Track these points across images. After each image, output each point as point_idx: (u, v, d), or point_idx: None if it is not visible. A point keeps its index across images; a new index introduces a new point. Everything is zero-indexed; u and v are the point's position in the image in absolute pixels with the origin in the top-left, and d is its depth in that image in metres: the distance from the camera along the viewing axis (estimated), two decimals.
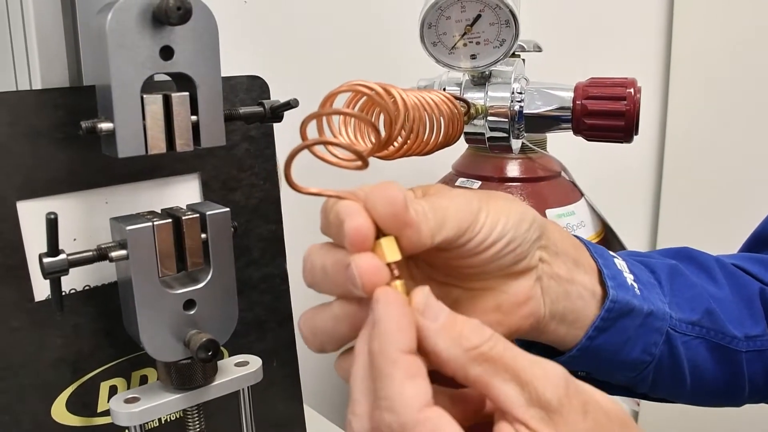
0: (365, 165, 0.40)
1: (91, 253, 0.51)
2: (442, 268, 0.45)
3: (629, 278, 0.55)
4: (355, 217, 0.37)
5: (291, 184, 0.36)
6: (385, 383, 0.34)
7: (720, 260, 0.67)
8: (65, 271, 0.50)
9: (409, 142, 0.56)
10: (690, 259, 0.67)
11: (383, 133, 0.42)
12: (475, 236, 0.43)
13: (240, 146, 0.64)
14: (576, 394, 0.35)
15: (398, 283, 0.36)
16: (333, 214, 0.39)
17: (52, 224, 0.48)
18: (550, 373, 0.35)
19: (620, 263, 0.56)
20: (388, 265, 0.36)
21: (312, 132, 0.39)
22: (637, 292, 0.55)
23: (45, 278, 0.49)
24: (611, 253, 0.57)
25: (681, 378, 0.60)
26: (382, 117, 0.48)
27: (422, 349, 0.36)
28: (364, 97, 0.44)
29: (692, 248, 0.68)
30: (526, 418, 0.33)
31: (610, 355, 0.53)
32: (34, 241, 0.54)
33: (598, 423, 0.35)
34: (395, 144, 0.55)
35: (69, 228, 0.56)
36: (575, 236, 0.55)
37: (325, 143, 0.37)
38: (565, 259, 0.51)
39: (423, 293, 0.37)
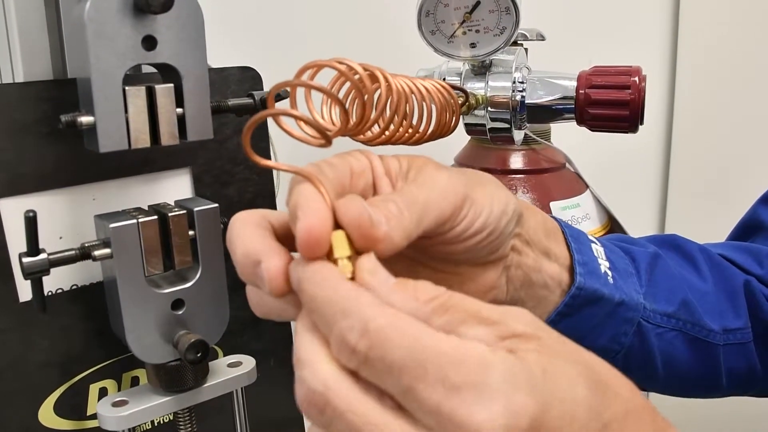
0: (328, 143, 0.38)
1: (73, 252, 0.49)
2: (412, 245, 0.43)
3: (604, 265, 0.54)
4: (308, 217, 0.33)
5: (248, 153, 0.35)
6: (335, 301, 0.31)
7: (706, 250, 0.66)
8: (46, 272, 0.48)
9: (392, 128, 0.54)
10: (676, 247, 0.66)
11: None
12: (456, 227, 0.41)
13: (232, 139, 0.62)
14: (548, 328, 0.33)
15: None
16: (291, 200, 0.36)
17: (31, 223, 0.46)
18: (516, 312, 0.33)
19: (597, 249, 0.55)
20: (334, 260, 0.34)
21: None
22: (610, 280, 0.54)
23: (25, 279, 0.48)
24: (591, 237, 0.56)
25: (652, 367, 0.59)
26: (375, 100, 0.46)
27: None
28: (356, 76, 0.42)
29: (680, 236, 0.67)
30: (500, 346, 0.31)
31: (573, 341, 0.52)
32: (18, 240, 0.52)
33: (578, 350, 0.33)
34: (375, 129, 0.53)
35: (55, 226, 0.55)
36: (555, 218, 0.54)
37: (286, 114, 0.35)
38: (535, 247, 0.50)
39: (371, 259, 0.34)
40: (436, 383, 0.29)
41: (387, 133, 0.54)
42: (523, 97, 0.78)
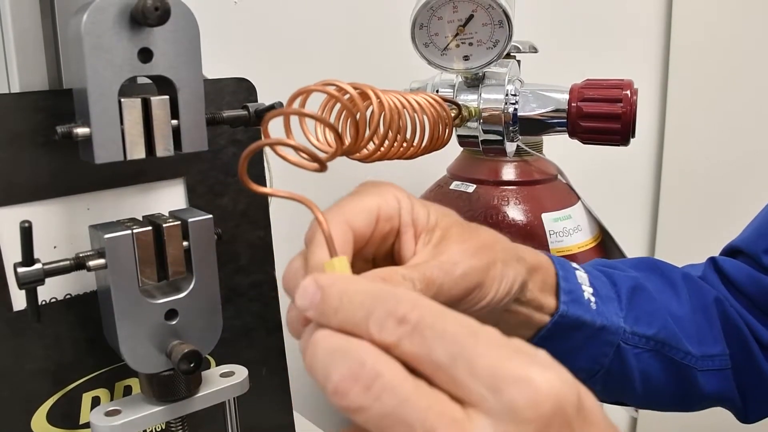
0: (323, 168, 0.39)
1: (68, 262, 0.50)
2: None
3: (587, 291, 0.56)
4: (297, 302, 0.34)
5: (244, 181, 0.35)
6: (376, 288, 0.32)
7: (687, 275, 0.68)
8: (41, 281, 0.48)
9: (386, 144, 0.55)
10: (655, 270, 0.68)
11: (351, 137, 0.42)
12: (474, 298, 0.43)
13: (226, 150, 0.63)
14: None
15: None
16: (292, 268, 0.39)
17: (26, 233, 0.46)
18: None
19: (581, 276, 0.57)
20: None
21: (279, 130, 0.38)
22: (593, 306, 0.56)
23: (20, 288, 0.48)
24: (574, 265, 0.58)
25: (631, 386, 0.61)
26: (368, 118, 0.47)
27: None
28: (347, 96, 0.42)
29: (659, 260, 0.70)
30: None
31: None
32: (12, 249, 0.52)
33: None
34: (371, 146, 0.53)
35: (49, 235, 0.55)
36: (545, 253, 0.56)
37: (280, 144, 0.36)
38: (529, 305, 0.52)
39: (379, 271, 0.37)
40: (490, 347, 0.29)
41: (382, 149, 0.55)
42: (515, 109, 0.79)
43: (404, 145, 0.58)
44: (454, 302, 0.42)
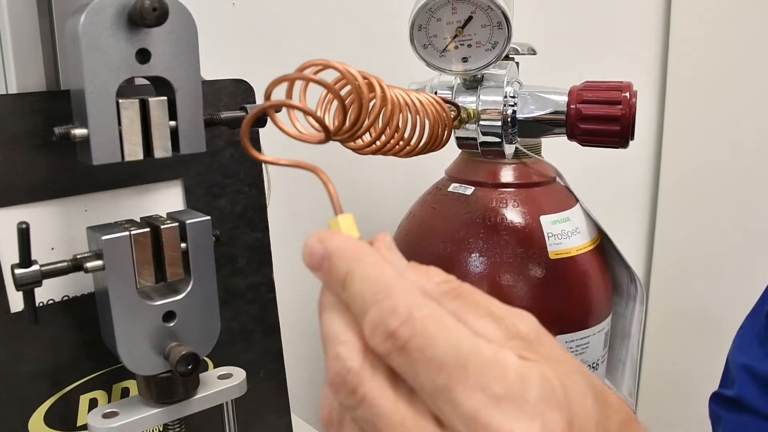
0: (328, 138, 0.38)
1: (65, 263, 0.49)
2: None
3: None
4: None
5: (246, 147, 0.35)
6: (378, 280, 0.31)
7: None
8: (38, 283, 0.48)
9: (385, 137, 0.55)
10: None
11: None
12: None
13: (224, 152, 0.63)
14: (549, 334, 0.33)
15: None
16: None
17: (23, 234, 0.46)
18: (520, 312, 0.33)
19: None
20: None
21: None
22: None
23: (17, 290, 0.48)
24: None
25: None
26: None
27: None
28: (356, 82, 0.42)
29: None
30: (508, 347, 0.31)
31: None
32: (9, 251, 0.52)
33: (574, 359, 0.33)
34: (367, 136, 0.53)
35: (47, 236, 0.55)
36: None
37: (285, 105, 0.35)
38: None
39: (387, 236, 0.35)
40: (475, 388, 0.28)
41: (379, 142, 0.54)
42: (514, 111, 0.79)
43: (401, 142, 0.58)
44: None
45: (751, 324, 0.73)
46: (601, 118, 0.75)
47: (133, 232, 0.51)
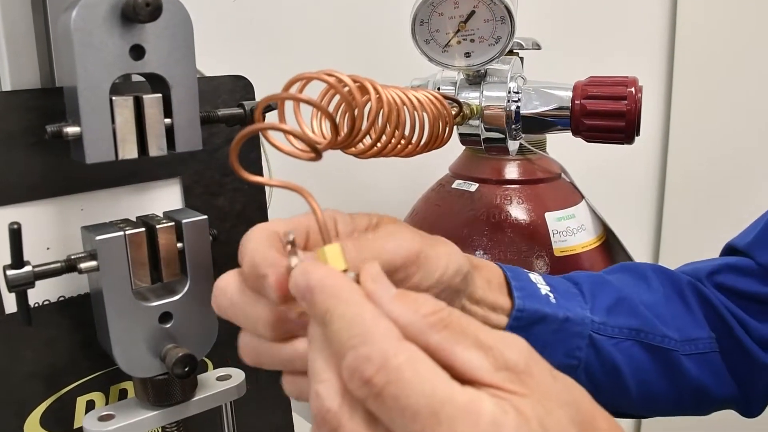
0: (318, 157, 0.38)
1: (59, 264, 0.48)
2: None
3: (544, 289, 0.57)
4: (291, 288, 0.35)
5: (236, 169, 0.34)
6: (355, 323, 0.31)
7: (657, 266, 0.69)
8: (31, 284, 0.47)
9: (385, 137, 0.54)
10: (622, 269, 0.69)
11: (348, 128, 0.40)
12: (411, 278, 0.43)
13: (223, 150, 0.62)
14: (540, 360, 0.33)
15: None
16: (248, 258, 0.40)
17: (15, 235, 0.45)
18: (511, 339, 0.33)
19: (535, 277, 0.58)
20: None
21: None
22: (552, 300, 0.57)
23: (9, 291, 0.47)
24: (526, 270, 0.59)
25: (623, 384, 0.61)
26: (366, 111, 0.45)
27: None
28: (346, 88, 0.41)
29: (630, 262, 0.71)
30: (495, 381, 0.31)
31: None
32: (4, 251, 0.51)
33: (567, 386, 0.33)
34: (367, 141, 0.52)
35: (42, 236, 0.54)
36: (497, 263, 0.57)
37: (274, 128, 0.35)
38: (483, 304, 0.53)
39: (374, 266, 0.35)
40: None
41: (379, 144, 0.53)
42: (518, 107, 0.77)
43: (402, 141, 0.57)
44: (399, 273, 0.42)
45: None
46: (607, 114, 0.73)
47: (127, 232, 0.50)
